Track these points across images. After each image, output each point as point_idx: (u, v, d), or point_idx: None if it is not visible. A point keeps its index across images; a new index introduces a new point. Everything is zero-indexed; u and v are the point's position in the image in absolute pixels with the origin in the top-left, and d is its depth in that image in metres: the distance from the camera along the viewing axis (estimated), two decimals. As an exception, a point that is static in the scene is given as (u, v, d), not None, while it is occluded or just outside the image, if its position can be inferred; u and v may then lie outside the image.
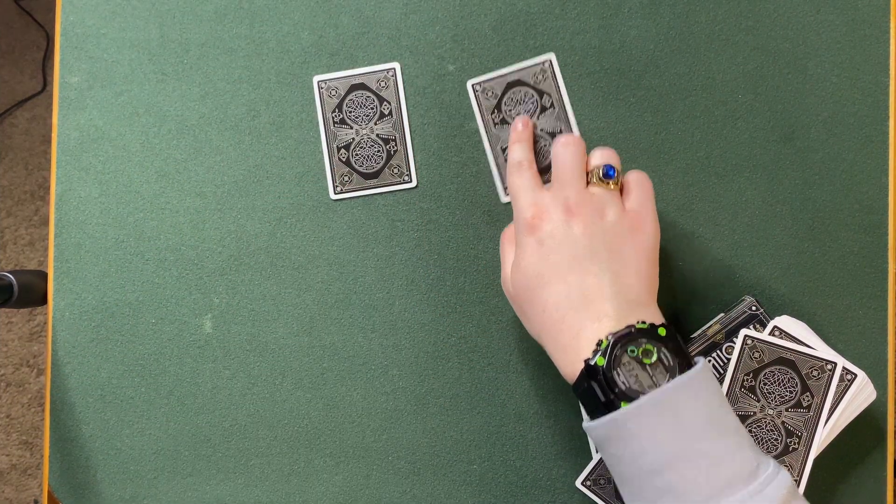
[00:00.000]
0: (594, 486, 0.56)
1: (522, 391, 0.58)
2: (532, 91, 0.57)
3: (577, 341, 0.46)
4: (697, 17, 0.58)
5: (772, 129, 0.57)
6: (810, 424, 0.51)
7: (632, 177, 0.50)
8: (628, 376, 0.44)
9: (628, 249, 0.48)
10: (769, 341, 0.52)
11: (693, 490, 0.42)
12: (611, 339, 0.44)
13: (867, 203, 0.56)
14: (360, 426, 0.58)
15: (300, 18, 0.60)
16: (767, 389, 0.52)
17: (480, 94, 0.57)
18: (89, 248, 0.60)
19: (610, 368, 0.44)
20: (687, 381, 0.43)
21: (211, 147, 0.60)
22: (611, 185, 0.49)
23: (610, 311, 0.46)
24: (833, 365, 0.51)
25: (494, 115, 0.57)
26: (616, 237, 0.48)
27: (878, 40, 0.57)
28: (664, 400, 0.43)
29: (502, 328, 0.58)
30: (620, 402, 0.43)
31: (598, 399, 0.44)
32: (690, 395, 0.43)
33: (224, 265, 0.59)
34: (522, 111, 0.57)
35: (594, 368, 0.44)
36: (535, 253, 0.48)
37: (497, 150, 0.57)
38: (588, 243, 0.47)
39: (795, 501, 0.43)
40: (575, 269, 0.47)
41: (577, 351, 0.46)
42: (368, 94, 0.58)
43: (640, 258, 0.48)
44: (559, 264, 0.47)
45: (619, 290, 0.46)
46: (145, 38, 0.60)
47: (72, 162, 0.60)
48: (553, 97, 0.57)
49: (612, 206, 0.48)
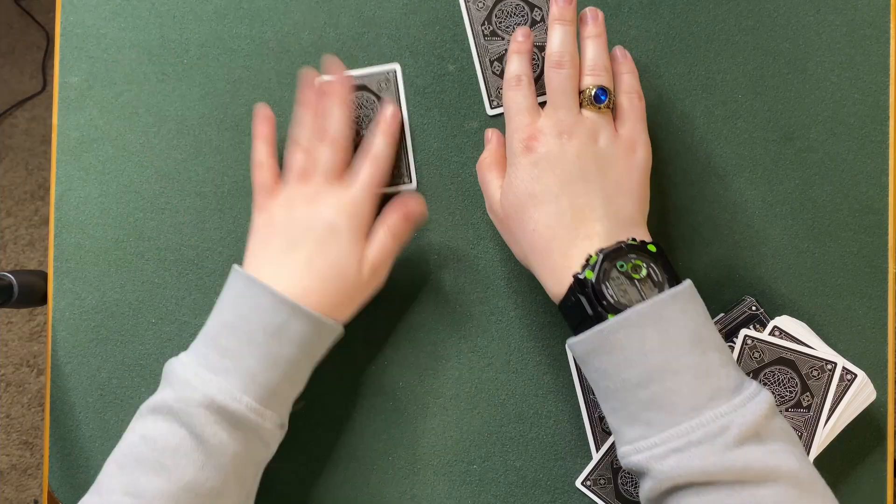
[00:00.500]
0: (594, 486, 0.56)
1: (522, 391, 0.58)
2: (523, 4, 0.57)
3: (567, 259, 0.47)
4: (697, 17, 0.58)
5: (772, 129, 0.57)
6: (810, 424, 0.51)
7: (623, 99, 0.51)
8: (617, 290, 0.45)
9: (620, 172, 0.49)
10: (769, 341, 0.52)
11: (677, 402, 0.43)
12: (601, 255, 0.45)
13: (867, 203, 0.56)
14: (360, 426, 0.58)
15: (300, 18, 0.60)
16: (768, 389, 0.52)
17: (472, 4, 0.58)
18: (89, 248, 0.60)
19: (599, 282, 0.45)
20: (675, 295, 0.44)
21: (211, 147, 0.60)
22: (601, 109, 0.49)
23: (600, 229, 0.47)
24: (833, 365, 0.51)
25: (485, 27, 0.57)
26: (608, 161, 0.49)
27: (878, 40, 0.57)
28: (651, 313, 0.44)
29: (502, 328, 0.58)
30: (608, 314, 0.44)
31: (585, 312, 0.45)
32: (678, 310, 0.44)
33: (224, 265, 0.59)
34: (513, 24, 0.57)
35: (583, 282, 0.45)
36: (529, 174, 0.48)
37: (486, 63, 0.57)
38: (581, 165, 0.48)
39: (776, 417, 0.44)
40: (567, 191, 0.48)
41: (567, 268, 0.47)
42: (369, 95, 0.58)
43: (631, 180, 0.49)
44: (552, 185, 0.48)
45: (609, 210, 0.48)
46: (145, 38, 0.60)
47: (72, 162, 0.60)
48: (543, 11, 0.57)
49: (605, 129, 0.49)
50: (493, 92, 0.58)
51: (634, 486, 0.55)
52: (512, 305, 0.58)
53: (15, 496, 1.58)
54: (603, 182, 0.48)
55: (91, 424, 0.59)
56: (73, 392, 0.59)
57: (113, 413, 0.59)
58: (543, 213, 0.48)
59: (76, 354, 0.59)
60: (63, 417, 0.59)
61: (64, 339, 0.60)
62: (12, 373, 1.59)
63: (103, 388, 0.59)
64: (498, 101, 0.58)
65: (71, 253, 0.60)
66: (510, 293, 0.58)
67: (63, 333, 0.60)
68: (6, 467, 1.58)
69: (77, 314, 0.60)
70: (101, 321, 0.59)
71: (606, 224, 0.47)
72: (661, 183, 0.57)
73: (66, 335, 0.60)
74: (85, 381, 0.59)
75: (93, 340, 0.59)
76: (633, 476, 0.55)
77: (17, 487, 1.58)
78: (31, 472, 1.58)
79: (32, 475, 1.58)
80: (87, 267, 0.60)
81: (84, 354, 0.59)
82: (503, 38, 0.58)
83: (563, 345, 0.57)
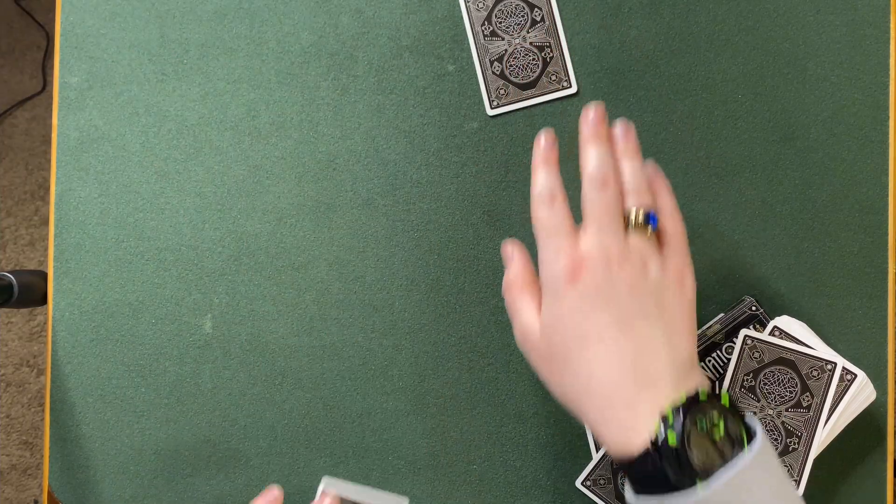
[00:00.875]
0: (594, 486, 0.56)
1: (522, 391, 0.58)
2: (524, 4, 0.57)
3: (634, 414, 0.41)
4: (697, 17, 0.58)
5: (772, 129, 0.57)
6: (810, 424, 0.51)
7: (668, 224, 0.45)
8: (699, 451, 0.39)
9: (675, 308, 0.43)
10: (769, 341, 0.52)
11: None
12: (680, 413, 0.40)
13: (867, 203, 0.56)
14: (360, 426, 0.58)
15: (300, 18, 0.60)
16: (767, 389, 0.52)
17: (472, 4, 0.57)
18: (89, 248, 0.60)
19: (684, 447, 0.39)
20: (758, 456, 0.40)
21: (211, 147, 0.60)
22: (650, 234, 0.44)
23: (667, 377, 0.42)
24: (833, 365, 0.51)
25: (484, 27, 0.57)
26: (663, 296, 0.43)
27: (878, 40, 0.57)
28: (740, 480, 0.39)
29: (502, 328, 0.58)
30: (694, 480, 0.39)
31: (667, 479, 0.39)
32: (762, 470, 0.40)
33: (224, 265, 0.59)
34: (513, 24, 0.57)
35: (666, 449, 0.39)
36: (578, 308, 0.42)
37: (486, 63, 0.57)
38: (637, 300, 0.42)
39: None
40: (626, 332, 0.42)
41: (634, 426, 0.41)
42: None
43: (685, 316, 0.44)
44: (608, 324, 0.42)
45: (672, 354, 0.42)
46: (145, 39, 0.60)
47: (72, 162, 0.60)
48: (543, 10, 0.57)
49: (654, 258, 0.44)
50: (493, 92, 0.58)
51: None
52: (512, 305, 0.58)
53: (15, 496, 1.58)
54: (661, 319, 0.43)
55: (91, 424, 0.59)
56: (73, 392, 0.59)
57: (113, 413, 0.59)
58: (601, 356, 0.42)
59: (76, 354, 0.60)
60: (63, 417, 0.59)
61: (64, 339, 0.60)
62: (12, 373, 1.59)
63: (103, 388, 0.59)
64: (498, 102, 0.58)
65: (71, 253, 0.60)
66: (510, 293, 0.58)
67: (63, 333, 0.60)
68: (6, 467, 1.58)
69: (77, 314, 0.60)
70: (101, 321, 0.59)
71: (672, 371, 0.42)
72: (661, 183, 0.57)
73: (66, 335, 0.60)
74: (85, 381, 0.59)
75: (93, 340, 0.59)
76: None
77: (17, 487, 1.58)
78: (31, 472, 1.58)
79: (32, 475, 1.58)
80: (87, 267, 0.60)
81: (84, 354, 0.59)
82: (503, 38, 0.58)
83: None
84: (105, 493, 0.59)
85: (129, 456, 0.59)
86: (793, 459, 0.51)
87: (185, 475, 0.59)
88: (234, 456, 0.59)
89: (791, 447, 0.51)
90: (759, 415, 0.52)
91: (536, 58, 0.57)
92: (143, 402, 0.59)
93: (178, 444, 0.59)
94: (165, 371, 0.59)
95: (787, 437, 0.51)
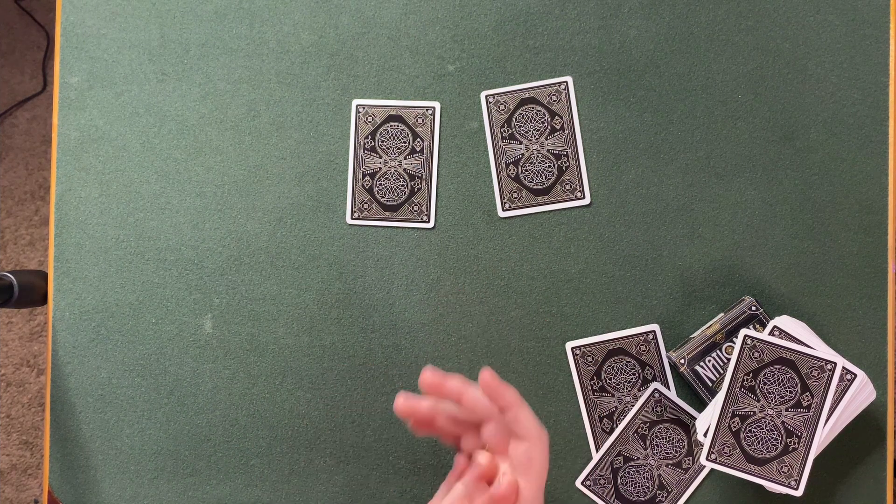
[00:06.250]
0: (594, 486, 0.56)
1: (522, 391, 0.58)
2: (544, 111, 0.57)
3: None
4: (697, 17, 0.58)
5: (772, 129, 0.57)
6: (810, 424, 0.51)
7: None
8: None
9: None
10: (769, 341, 0.52)
11: None
12: None
13: (867, 203, 0.56)
14: (360, 426, 0.58)
15: (300, 18, 0.60)
16: (767, 389, 0.52)
17: (493, 106, 0.58)
18: (89, 248, 0.60)
19: None
20: None
21: (211, 147, 0.60)
22: None
23: None
24: (833, 365, 0.51)
25: (504, 129, 0.57)
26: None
27: (878, 40, 0.57)
28: None
29: (502, 328, 0.58)
30: None
31: None
32: None
33: (224, 265, 0.59)
34: (532, 129, 0.57)
35: None
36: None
37: (501, 164, 0.57)
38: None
39: None
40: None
41: None
42: (403, 128, 0.59)
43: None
44: None
45: None
46: (145, 39, 0.60)
47: (72, 162, 0.60)
48: (564, 119, 0.57)
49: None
50: (506, 195, 0.57)
51: (634, 486, 0.55)
52: (512, 305, 0.58)
53: (15, 496, 1.58)
54: None
55: (91, 424, 0.59)
56: (73, 392, 0.59)
57: (113, 413, 0.59)
58: None
59: (76, 354, 0.60)
60: (63, 417, 0.59)
61: (64, 339, 0.60)
62: (12, 373, 1.60)
63: (103, 388, 0.59)
64: (511, 205, 0.57)
65: (71, 253, 0.60)
66: (510, 293, 0.58)
67: (63, 333, 0.60)
68: (6, 467, 1.58)
69: (77, 314, 0.60)
70: (101, 321, 0.59)
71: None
72: (661, 183, 0.57)
73: (66, 335, 0.60)
74: (85, 381, 0.59)
75: (93, 340, 0.59)
76: (632, 476, 0.55)
77: (17, 487, 1.58)
78: (31, 472, 1.58)
79: (32, 475, 1.58)
80: (87, 267, 0.60)
81: (84, 354, 0.59)
82: (521, 143, 0.57)
83: (564, 345, 0.57)
84: (105, 493, 0.59)
85: (129, 456, 0.59)
86: (793, 459, 0.51)
87: (185, 475, 0.59)
88: (234, 456, 0.59)
89: (791, 447, 0.51)
90: (759, 415, 0.52)
91: (552, 165, 0.57)
92: (143, 402, 0.59)
93: (178, 444, 0.59)
94: (165, 371, 0.59)
95: (787, 437, 0.51)
